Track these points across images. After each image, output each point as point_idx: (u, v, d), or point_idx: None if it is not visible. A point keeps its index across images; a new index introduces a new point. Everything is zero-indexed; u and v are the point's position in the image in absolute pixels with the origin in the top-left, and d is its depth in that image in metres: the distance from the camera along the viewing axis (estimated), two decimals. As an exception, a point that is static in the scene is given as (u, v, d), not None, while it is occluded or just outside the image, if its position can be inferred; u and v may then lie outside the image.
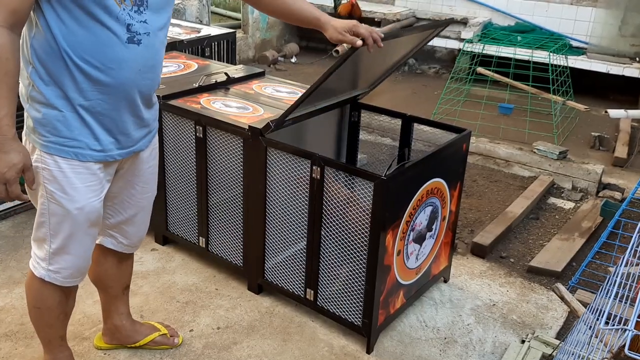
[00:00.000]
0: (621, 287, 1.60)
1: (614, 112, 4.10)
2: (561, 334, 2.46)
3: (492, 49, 4.91)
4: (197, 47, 3.87)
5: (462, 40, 5.61)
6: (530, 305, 2.63)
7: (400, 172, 2.09)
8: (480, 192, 3.74)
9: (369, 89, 2.70)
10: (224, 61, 4.07)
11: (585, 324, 1.91)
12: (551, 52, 4.64)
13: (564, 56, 4.95)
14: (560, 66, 4.79)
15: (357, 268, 2.20)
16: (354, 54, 1.93)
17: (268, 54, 6.47)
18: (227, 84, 2.84)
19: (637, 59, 5.39)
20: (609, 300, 1.43)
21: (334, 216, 2.19)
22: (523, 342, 2.37)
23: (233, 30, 4.19)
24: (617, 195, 3.69)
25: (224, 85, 2.82)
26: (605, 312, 1.36)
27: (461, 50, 5.17)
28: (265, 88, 2.85)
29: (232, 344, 2.29)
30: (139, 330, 2.21)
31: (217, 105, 2.56)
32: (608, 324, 1.65)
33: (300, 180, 2.24)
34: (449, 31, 6.21)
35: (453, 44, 6.03)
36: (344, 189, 2.13)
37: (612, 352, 1.31)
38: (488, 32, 5.64)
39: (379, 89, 5.81)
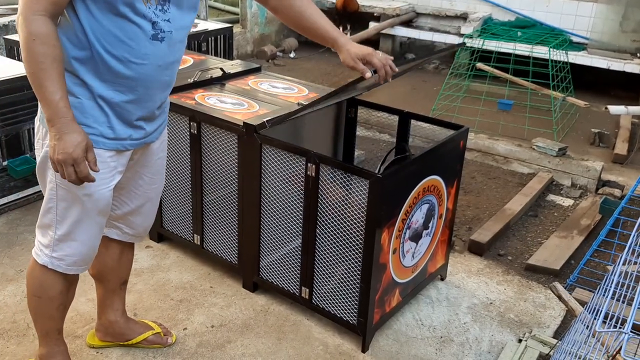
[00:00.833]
0: (619, 287, 1.58)
1: (614, 109, 4.07)
2: (559, 333, 2.43)
3: (491, 45, 4.87)
4: (194, 42, 3.85)
5: (462, 35, 5.58)
6: (527, 303, 2.61)
7: (396, 170, 2.07)
8: (479, 189, 3.72)
9: (366, 90, 2.67)
10: (220, 56, 4.04)
11: (582, 324, 1.88)
12: (551, 47, 4.60)
13: (564, 52, 4.91)
14: (560, 62, 4.75)
15: (352, 266, 2.17)
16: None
17: (267, 48, 6.43)
18: (223, 79, 2.81)
19: (638, 54, 5.35)
20: (607, 299, 1.41)
21: (329, 214, 2.16)
22: (520, 341, 2.34)
23: (230, 25, 4.16)
24: (617, 192, 3.66)
25: (220, 81, 2.79)
26: (602, 312, 1.33)
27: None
28: (261, 84, 2.82)
29: (226, 342, 2.27)
30: (132, 328, 2.19)
31: (212, 101, 2.53)
32: (605, 324, 1.63)
33: (295, 177, 2.22)
34: (448, 26, 6.17)
35: (453, 39, 5.99)
36: (340, 189, 2.10)
37: (608, 354, 1.29)
38: (488, 28, 5.60)
39: (378, 85, 5.76)
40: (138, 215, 1.96)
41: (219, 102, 2.53)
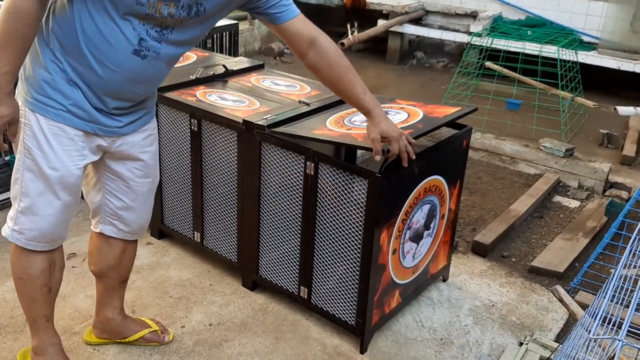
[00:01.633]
0: (618, 290, 1.55)
1: (623, 110, 4.01)
2: (561, 337, 2.40)
3: (500, 43, 4.83)
4: (199, 38, 3.83)
5: (471, 33, 5.53)
6: (530, 306, 2.58)
7: (396, 170, 2.04)
8: (484, 189, 3.68)
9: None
10: (226, 53, 4.03)
11: (583, 327, 1.85)
12: (560, 47, 4.55)
13: (573, 51, 4.85)
14: (569, 61, 4.70)
15: (351, 266, 2.15)
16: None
17: (274, 46, 6.41)
18: (225, 76, 2.79)
19: (649, 55, 5.28)
20: (604, 303, 1.38)
21: (328, 213, 2.14)
22: (521, 344, 2.31)
23: (235, 22, 4.14)
24: (624, 194, 3.61)
25: (222, 78, 2.78)
26: (598, 316, 1.30)
27: (469, 44, 5.09)
28: (263, 81, 2.80)
29: (224, 341, 2.26)
30: (129, 326, 2.18)
31: (213, 98, 2.51)
32: (604, 327, 1.60)
33: (294, 175, 2.20)
34: (457, 24, 6.12)
35: (462, 38, 5.94)
36: (338, 188, 2.08)
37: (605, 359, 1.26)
38: (497, 26, 5.55)
39: (386, 82, 5.75)
40: (131, 211, 1.95)
41: (220, 99, 2.51)
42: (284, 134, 2.18)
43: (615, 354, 1.05)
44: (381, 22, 6.23)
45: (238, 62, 3.02)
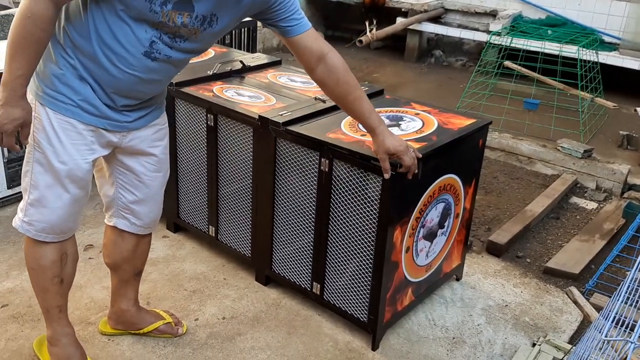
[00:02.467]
0: (632, 293, 1.54)
1: (643, 111, 3.96)
2: (574, 338, 2.38)
3: (520, 43, 4.79)
4: (217, 34, 3.85)
5: (490, 32, 5.49)
6: (544, 307, 2.56)
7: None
8: (500, 189, 3.66)
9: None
10: (244, 49, 4.05)
11: (596, 329, 1.84)
12: (581, 46, 4.50)
13: (594, 51, 4.80)
14: (590, 62, 4.64)
15: (364, 263, 2.15)
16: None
17: (293, 42, 6.41)
18: (242, 72, 2.81)
19: (672, 56, 5.20)
20: (617, 305, 1.37)
21: (342, 210, 2.15)
22: (534, 345, 2.30)
23: (254, 18, 4.15)
24: (643, 196, 3.57)
25: (239, 74, 2.79)
26: (611, 318, 1.29)
27: (488, 42, 5.06)
28: (280, 77, 2.81)
29: (237, 334, 2.28)
30: (143, 318, 2.21)
31: (230, 94, 2.53)
32: (616, 329, 1.59)
33: (308, 172, 2.20)
34: (477, 23, 6.08)
35: (481, 37, 5.90)
36: (353, 185, 2.08)
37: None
38: (517, 25, 5.50)
39: (404, 80, 5.74)
40: (143, 205, 1.97)
41: (237, 95, 2.53)
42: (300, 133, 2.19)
43: (627, 356, 1.04)
44: (400, 20, 6.20)
45: (255, 58, 3.04)
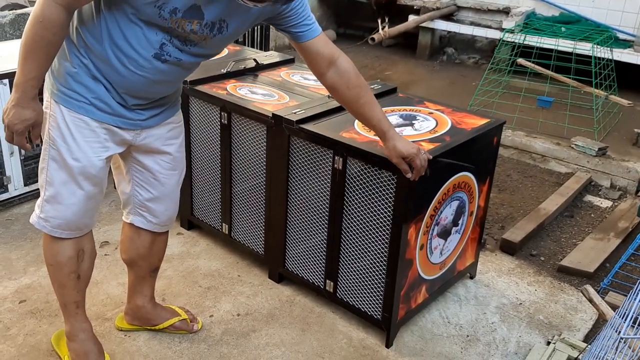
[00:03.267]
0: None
1: (659, 108, 3.92)
2: (589, 337, 2.37)
3: (533, 40, 4.76)
4: (231, 32, 3.86)
5: (503, 30, 5.46)
6: (558, 305, 2.55)
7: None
8: (514, 187, 3.65)
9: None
10: (257, 47, 4.06)
11: (613, 328, 1.83)
12: (595, 44, 4.47)
13: (609, 49, 4.76)
14: (604, 59, 4.61)
15: (377, 261, 2.16)
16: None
17: (305, 41, 6.42)
18: (256, 70, 2.82)
19: (687, 53, 5.15)
20: (635, 304, 1.36)
21: (356, 207, 2.15)
22: (548, 343, 2.30)
23: (267, 17, 4.16)
24: (658, 195, 3.55)
25: (252, 72, 2.80)
26: (629, 317, 1.29)
27: (501, 40, 5.03)
28: (293, 75, 2.82)
29: (251, 331, 2.29)
30: (159, 314, 2.23)
31: (243, 92, 2.54)
32: (633, 328, 1.58)
33: (322, 170, 2.21)
34: (489, 20, 6.05)
35: (494, 34, 5.87)
36: (367, 182, 2.09)
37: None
38: (531, 23, 5.47)
39: (416, 78, 5.72)
40: (159, 202, 1.98)
41: (250, 93, 2.54)
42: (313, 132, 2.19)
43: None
44: (412, 18, 6.19)
45: (269, 57, 3.05)
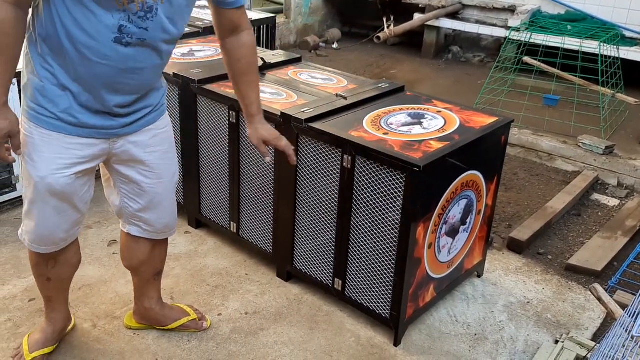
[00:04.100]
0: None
1: (666, 107, 3.91)
2: (597, 336, 2.37)
3: (539, 38, 4.75)
4: (237, 31, 3.87)
5: (509, 28, 5.45)
6: (566, 304, 2.55)
7: (434, 164, 2.03)
8: (521, 185, 3.64)
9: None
10: (263, 46, 4.06)
11: (622, 327, 1.83)
12: (602, 42, 4.46)
13: (615, 47, 4.75)
14: (611, 57, 4.60)
15: (386, 260, 2.16)
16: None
17: (309, 39, 6.42)
18: (263, 69, 2.82)
19: (694, 51, 5.13)
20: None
21: (364, 206, 2.15)
22: (557, 342, 2.30)
23: (273, 15, 4.17)
24: (666, 193, 3.54)
25: (260, 71, 2.80)
26: (638, 315, 1.29)
27: (507, 38, 5.02)
28: (300, 74, 2.82)
29: (259, 329, 2.29)
30: (168, 315, 2.23)
31: (252, 91, 2.54)
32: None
33: (331, 168, 2.21)
34: (495, 18, 6.04)
35: (499, 32, 5.86)
36: (375, 181, 2.09)
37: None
38: (536, 21, 5.46)
39: (421, 77, 5.72)
40: (150, 212, 1.95)
41: (259, 92, 2.54)
42: (322, 130, 2.20)
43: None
44: (417, 16, 6.18)
45: (276, 55, 3.05)
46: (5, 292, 2.42)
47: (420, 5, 6.24)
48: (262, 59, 2.86)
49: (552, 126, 4.35)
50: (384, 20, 5.61)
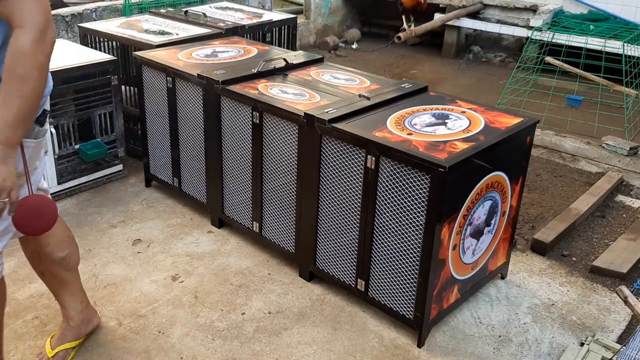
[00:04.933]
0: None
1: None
2: (623, 339, 2.34)
3: (562, 38, 4.70)
4: (258, 32, 3.89)
5: (531, 28, 5.41)
6: (591, 306, 2.52)
7: (459, 165, 2.03)
8: (544, 186, 3.61)
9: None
10: (284, 47, 4.07)
11: (650, 331, 1.81)
12: (625, 42, 4.40)
13: (639, 47, 4.69)
14: (635, 57, 4.54)
15: (410, 261, 2.16)
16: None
17: (329, 39, 6.43)
18: (286, 69, 2.83)
19: None
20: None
21: (388, 207, 2.15)
22: (582, 344, 2.27)
23: (294, 16, 4.18)
24: (692, 195, 3.48)
25: (282, 71, 2.82)
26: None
27: (529, 38, 4.99)
28: (323, 75, 2.83)
29: (283, 329, 2.30)
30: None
31: (274, 92, 2.55)
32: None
33: (354, 169, 2.21)
34: (516, 18, 6.00)
35: (521, 32, 5.81)
36: (400, 182, 2.08)
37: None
38: (559, 21, 5.41)
39: (442, 77, 5.69)
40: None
41: (281, 93, 2.55)
42: (346, 131, 2.20)
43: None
44: (438, 16, 6.15)
45: (298, 56, 3.06)
46: (32, 290, 2.45)
47: (440, 5, 6.22)
48: (284, 59, 2.87)
49: (575, 127, 4.30)
50: (404, 19, 5.59)
